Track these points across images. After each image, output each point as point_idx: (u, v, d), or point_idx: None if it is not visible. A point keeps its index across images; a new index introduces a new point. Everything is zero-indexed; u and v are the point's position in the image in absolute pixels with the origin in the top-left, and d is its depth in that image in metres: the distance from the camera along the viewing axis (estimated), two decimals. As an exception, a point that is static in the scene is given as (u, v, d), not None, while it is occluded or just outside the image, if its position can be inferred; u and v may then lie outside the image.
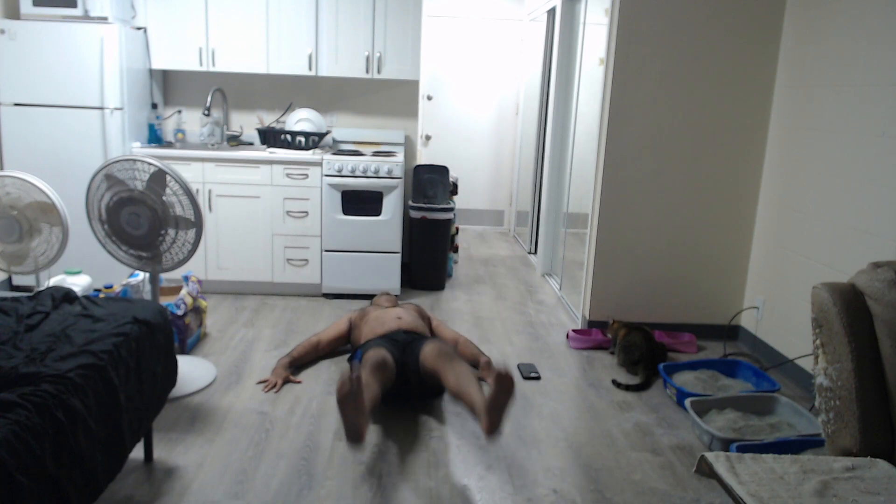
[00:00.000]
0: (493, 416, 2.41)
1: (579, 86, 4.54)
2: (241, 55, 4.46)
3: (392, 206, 4.43)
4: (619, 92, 3.75)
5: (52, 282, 3.40)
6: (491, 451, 2.71)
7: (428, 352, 2.93)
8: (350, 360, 3.25)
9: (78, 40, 4.04)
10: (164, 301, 3.51)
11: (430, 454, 2.68)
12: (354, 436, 2.35)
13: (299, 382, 3.25)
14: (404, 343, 3.12)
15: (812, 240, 3.39)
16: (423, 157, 6.79)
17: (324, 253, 4.47)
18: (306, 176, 4.35)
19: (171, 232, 2.90)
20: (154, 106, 4.59)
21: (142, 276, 3.52)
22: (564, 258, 4.85)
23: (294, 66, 4.48)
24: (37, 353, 1.94)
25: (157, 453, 2.57)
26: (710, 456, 2.00)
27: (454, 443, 2.77)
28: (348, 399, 2.34)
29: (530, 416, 3.02)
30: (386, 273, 4.53)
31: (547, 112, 5.40)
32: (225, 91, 4.80)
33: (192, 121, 4.82)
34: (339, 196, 4.39)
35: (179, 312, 3.40)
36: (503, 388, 2.41)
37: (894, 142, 2.85)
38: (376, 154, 4.67)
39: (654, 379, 3.44)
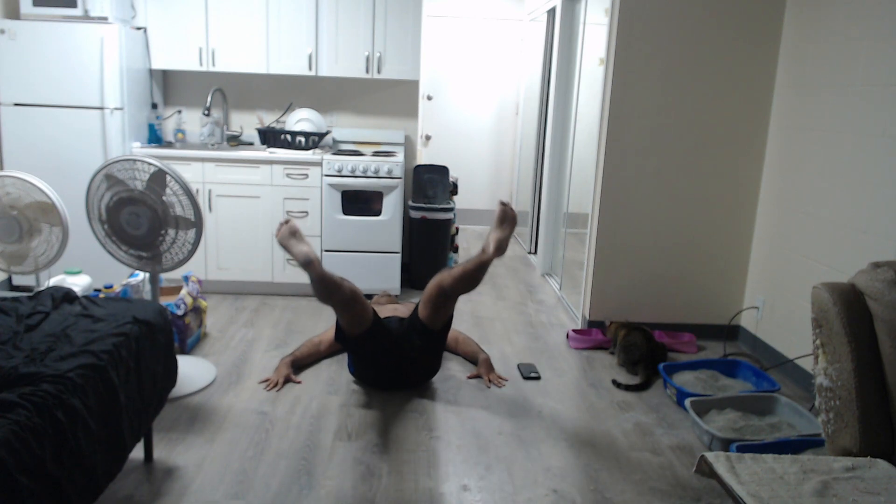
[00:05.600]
0: (501, 232, 2.91)
1: (579, 86, 4.53)
2: (241, 55, 4.46)
3: (392, 206, 4.43)
4: (619, 92, 3.75)
5: (52, 282, 3.40)
6: (491, 451, 2.71)
7: (428, 285, 3.07)
8: (347, 351, 3.26)
9: (78, 40, 4.04)
10: (164, 301, 3.51)
11: (430, 454, 2.68)
12: (307, 260, 2.72)
13: (300, 382, 3.25)
14: (398, 322, 3.16)
15: (812, 240, 3.39)
16: (423, 157, 6.78)
17: (324, 253, 4.46)
18: (306, 176, 4.35)
19: (171, 232, 2.90)
20: (154, 106, 4.59)
21: (142, 276, 3.52)
22: (564, 258, 4.85)
23: (294, 66, 4.48)
24: (37, 353, 1.94)
25: (157, 453, 2.57)
26: (710, 456, 2.00)
27: (454, 443, 2.77)
28: (287, 235, 2.77)
29: (530, 416, 3.02)
30: (386, 273, 4.53)
31: (547, 112, 5.40)
32: (225, 91, 4.80)
33: (192, 121, 4.82)
34: (339, 196, 4.39)
35: (179, 312, 3.40)
36: (506, 209, 2.92)
37: (894, 142, 2.85)
38: (376, 154, 4.67)
39: (654, 379, 3.44)
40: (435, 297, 2.99)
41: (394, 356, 3.07)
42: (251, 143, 4.83)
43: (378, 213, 4.45)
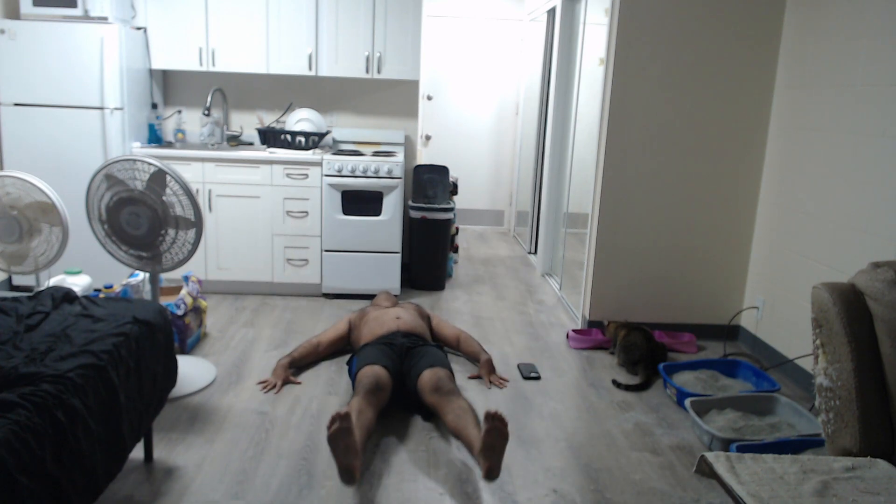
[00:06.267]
0: (490, 459, 2.30)
1: (579, 86, 4.54)
2: (241, 55, 4.46)
3: (392, 206, 4.43)
4: (619, 92, 3.75)
5: (52, 282, 3.40)
6: (491, 451, 2.71)
7: (426, 381, 2.82)
8: (349, 362, 3.24)
9: (78, 40, 4.04)
10: (164, 301, 3.51)
11: (430, 454, 2.68)
12: (348, 477, 2.26)
13: (299, 383, 3.25)
14: (402, 348, 3.11)
15: (812, 240, 3.39)
16: (423, 157, 6.78)
17: (324, 253, 4.47)
18: (306, 176, 4.35)
19: (171, 232, 2.90)
20: (154, 106, 4.59)
21: (142, 276, 3.52)
22: (564, 258, 4.85)
23: (294, 66, 4.48)
24: (37, 353, 1.94)
25: (157, 453, 2.57)
26: (710, 456, 2.00)
27: (454, 443, 2.77)
28: (339, 437, 2.26)
29: (530, 416, 3.02)
30: (386, 273, 4.53)
31: (547, 112, 5.40)
32: (225, 91, 4.80)
33: (192, 121, 4.82)
34: (339, 196, 4.39)
35: (179, 312, 3.40)
36: (495, 429, 2.31)
37: (894, 142, 2.85)
38: (376, 154, 4.67)
39: (654, 379, 3.44)
40: (428, 404, 2.82)
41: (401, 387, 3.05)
42: (251, 143, 4.83)
43: (378, 213, 4.45)
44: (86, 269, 3.74)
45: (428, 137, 6.96)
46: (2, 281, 4.31)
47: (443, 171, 4.91)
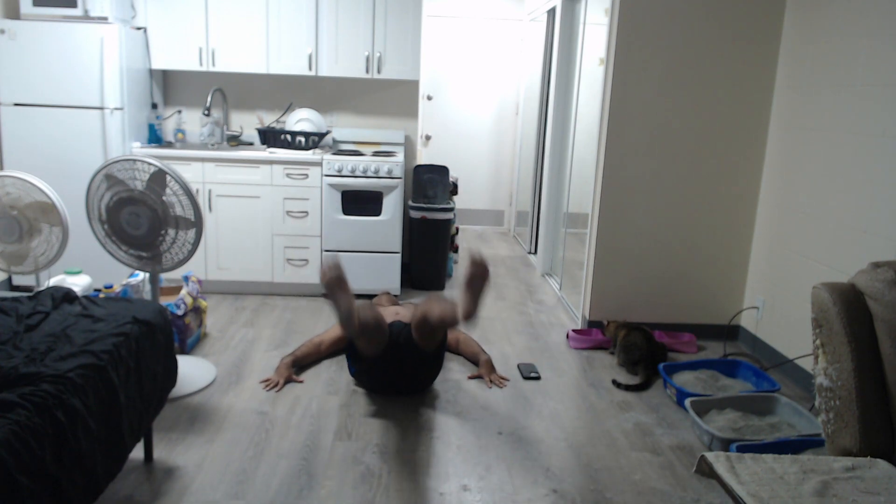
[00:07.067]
0: (469, 297, 2.62)
1: (579, 86, 4.53)
2: (241, 55, 4.46)
3: (392, 206, 4.43)
4: (619, 92, 3.75)
5: (52, 282, 3.40)
6: (491, 451, 2.71)
7: (416, 310, 2.96)
8: (347, 354, 3.25)
9: (78, 40, 4.04)
10: (164, 301, 3.51)
11: (430, 454, 2.68)
12: (348, 316, 2.59)
13: (301, 382, 3.25)
14: (400, 329, 3.13)
15: (812, 240, 3.39)
16: (423, 157, 6.78)
17: (324, 253, 4.46)
18: (306, 176, 4.35)
19: (171, 232, 2.90)
20: (154, 106, 4.59)
21: (142, 276, 3.52)
22: (564, 258, 4.85)
23: (294, 66, 4.49)
24: (37, 353, 1.94)
25: (157, 453, 2.57)
26: (710, 456, 2.00)
27: (454, 443, 2.77)
28: (334, 283, 2.58)
29: (530, 416, 3.02)
30: (386, 273, 4.52)
31: (547, 112, 5.40)
32: (225, 91, 4.80)
33: (192, 121, 4.82)
34: (339, 196, 4.39)
35: (179, 312, 3.40)
36: (477, 270, 2.64)
37: (894, 142, 2.85)
38: (376, 154, 4.67)
39: (654, 379, 3.44)
40: (421, 326, 2.91)
41: (397, 366, 3.06)
42: (251, 143, 4.83)
43: (378, 213, 4.45)
44: (86, 269, 3.74)
45: (428, 137, 6.96)
46: (2, 281, 4.31)
47: (443, 171, 4.92)
